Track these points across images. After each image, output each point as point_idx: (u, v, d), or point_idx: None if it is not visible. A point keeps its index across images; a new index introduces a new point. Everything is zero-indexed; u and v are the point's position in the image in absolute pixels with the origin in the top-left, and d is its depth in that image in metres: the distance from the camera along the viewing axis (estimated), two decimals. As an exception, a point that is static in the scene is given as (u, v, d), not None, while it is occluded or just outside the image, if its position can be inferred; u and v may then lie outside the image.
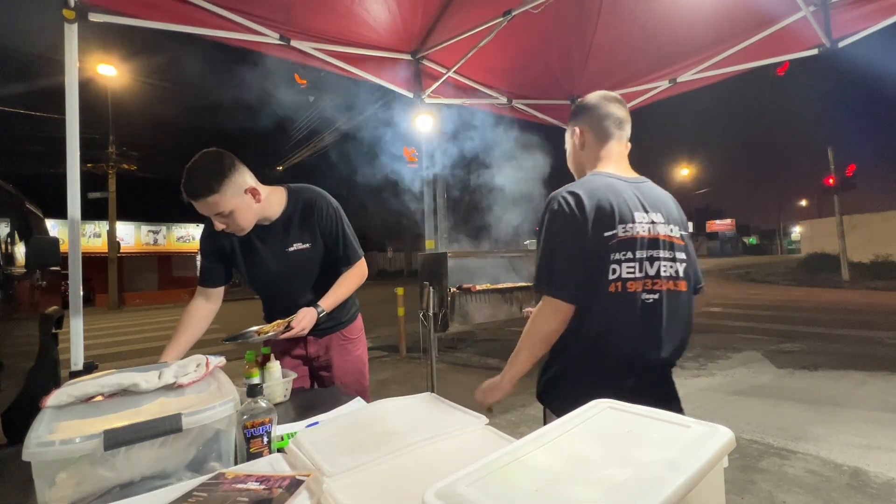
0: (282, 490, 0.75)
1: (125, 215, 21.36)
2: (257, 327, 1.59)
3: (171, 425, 0.87)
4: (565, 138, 1.42)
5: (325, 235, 1.68)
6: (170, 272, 24.90)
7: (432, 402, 1.13)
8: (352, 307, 1.87)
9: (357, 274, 1.75)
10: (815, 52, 2.94)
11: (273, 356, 1.51)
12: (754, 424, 3.35)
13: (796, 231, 49.18)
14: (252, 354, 1.48)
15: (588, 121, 1.33)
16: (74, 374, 1.92)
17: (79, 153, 2.10)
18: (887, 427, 3.18)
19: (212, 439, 0.95)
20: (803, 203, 68.47)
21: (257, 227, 1.63)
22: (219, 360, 1.24)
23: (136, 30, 2.35)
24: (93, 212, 18.97)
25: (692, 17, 3.02)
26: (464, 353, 6.28)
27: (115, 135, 18.20)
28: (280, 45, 2.84)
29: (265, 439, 1.00)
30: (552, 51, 3.50)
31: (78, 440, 0.80)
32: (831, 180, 14.75)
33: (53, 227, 10.97)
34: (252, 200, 1.55)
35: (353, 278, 1.73)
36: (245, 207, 1.53)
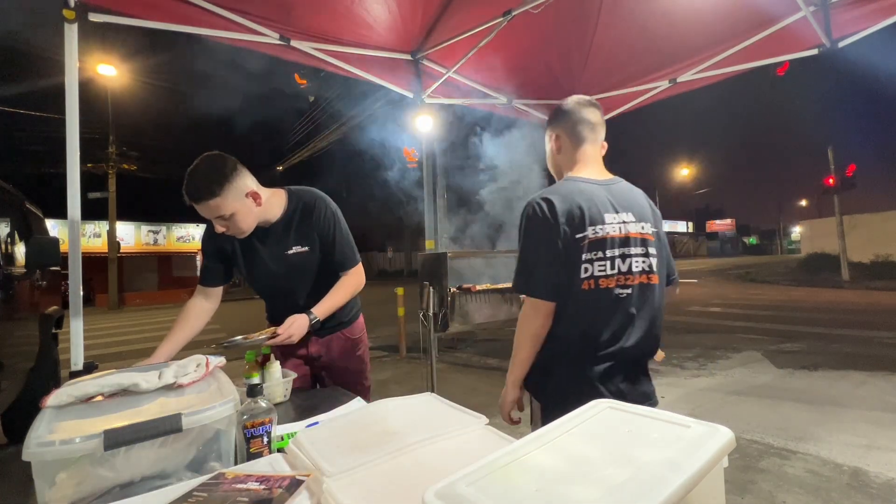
0: (282, 490, 0.75)
1: (125, 215, 21.36)
2: (244, 335, 1.55)
3: (171, 425, 0.87)
4: (546, 141, 1.49)
5: (321, 238, 1.68)
6: (170, 272, 24.90)
7: (432, 402, 1.13)
8: (353, 307, 1.87)
9: (353, 281, 1.73)
10: (815, 52, 2.93)
11: (273, 356, 1.51)
12: (754, 424, 3.35)
13: (796, 231, 49.19)
14: (252, 354, 1.48)
15: (563, 126, 1.40)
16: (74, 374, 1.92)
17: (79, 153, 2.09)
18: (887, 427, 3.18)
19: (212, 439, 0.95)
20: (803, 203, 68.48)
21: (258, 229, 1.63)
22: (219, 360, 1.24)
23: (136, 30, 2.34)
24: (93, 212, 18.97)
25: (692, 17, 3.01)
26: (464, 353, 6.28)
27: (115, 135, 18.20)
28: (280, 45, 2.84)
29: (265, 439, 1.00)
30: (552, 51, 3.50)
31: (78, 440, 0.80)
32: (831, 180, 14.74)
33: (53, 227, 10.96)
34: (253, 204, 1.55)
35: (350, 286, 1.71)
36: (246, 211, 1.53)
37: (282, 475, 0.81)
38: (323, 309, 1.62)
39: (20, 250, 3.61)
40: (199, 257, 24.00)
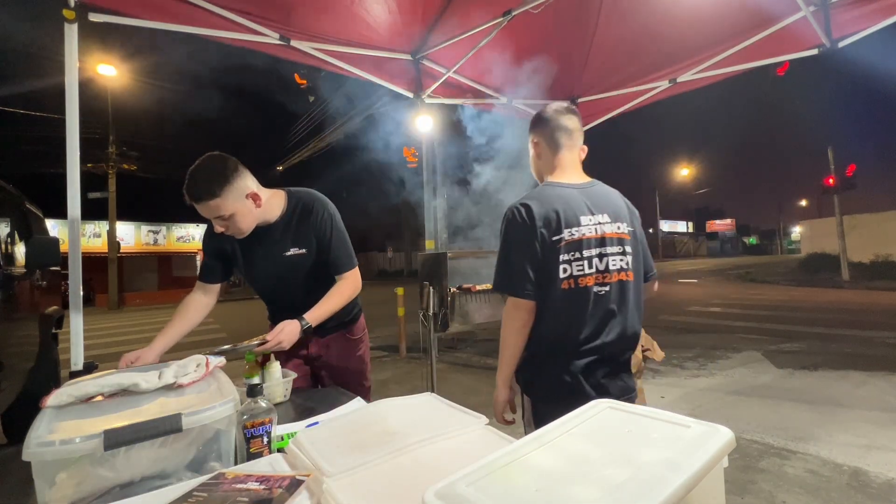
0: (282, 490, 0.75)
1: (125, 215, 21.36)
2: (233, 344, 1.51)
3: (171, 425, 0.87)
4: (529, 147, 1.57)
5: (318, 240, 1.68)
6: (170, 272, 24.91)
7: (432, 402, 1.13)
8: (354, 307, 1.86)
9: (348, 286, 1.70)
10: (815, 52, 2.94)
11: (273, 356, 1.51)
12: (754, 424, 3.35)
13: (796, 231, 49.15)
14: (252, 355, 1.48)
15: (542, 133, 1.48)
16: (74, 374, 1.92)
17: (79, 153, 2.09)
18: (887, 427, 3.18)
19: (212, 439, 0.95)
20: (803, 203, 68.39)
21: (257, 229, 1.63)
22: (219, 361, 1.24)
23: (136, 30, 2.34)
24: (93, 212, 18.97)
25: (692, 17, 3.01)
26: (464, 353, 6.28)
27: (115, 135, 18.20)
28: (280, 45, 2.84)
29: (265, 439, 1.00)
30: (552, 51, 3.50)
31: (78, 440, 0.80)
32: (831, 180, 14.73)
33: (53, 227, 10.97)
34: (252, 205, 1.55)
35: (344, 291, 1.69)
36: (245, 212, 1.54)
37: (282, 475, 0.81)
38: (316, 315, 1.60)
39: (20, 250, 3.61)
40: (199, 257, 24.01)
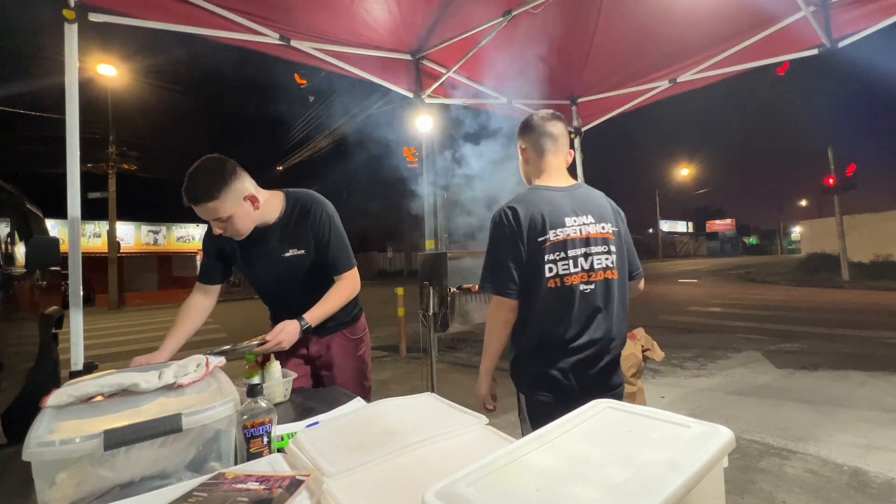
0: (282, 490, 0.75)
1: (125, 215, 21.35)
2: (232, 344, 1.50)
3: (171, 425, 0.87)
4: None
5: (316, 241, 1.68)
6: (170, 272, 24.91)
7: (432, 402, 1.13)
8: (354, 307, 1.86)
9: (347, 286, 1.71)
10: (815, 52, 2.93)
11: (273, 356, 1.51)
12: (754, 424, 3.35)
13: (796, 231, 49.07)
14: (252, 355, 1.48)
15: (528, 139, 1.55)
16: (74, 374, 1.91)
17: (79, 153, 2.09)
18: (887, 427, 3.18)
19: (212, 439, 0.95)
20: (803, 203, 68.28)
21: (256, 231, 1.63)
22: (219, 361, 1.24)
23: (136, 30, 2.34)
24: (93, 212, 18.98)
25: (692, 17, 3.01)
26: (464, 353, 6.28)
27: (115, 135, 18.20)
28: (280, 45, 2.84)
29: (265, 439, 1.00)
30: (552, 51, 3.50)
31: (78, 440, 0.80)
32: (831, 180, 14.73)
33: (53, 227, 10.97)
34: (251, 207, 1.56)
35: (343, 291, 1.70)
36: (244, 214, 1.54)
37: (282, 475, 0.81)
38: (315, 315, 1.61)
39: (20, 250, 3.61)
40: (199, 257, 24.01)
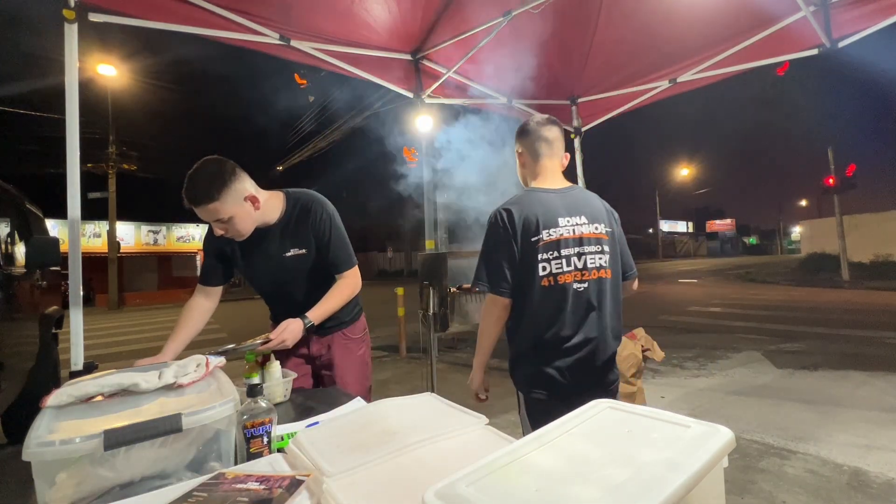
0: (282, 490, 0.75)
1: (125, 215, 21.35)
2: (235, 343, 1.51)
3: (171, 425, 0.87)
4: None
5: (317, 240, 1.69)
6: (170, 272, 24.92)
7: (432, 402, 1.13)
8: (355, 307, 1.87)
9: (348, 284, 1.72)
10: (815, 52, 2.93)
11: (273, 356, 1.51)
12: (754, 424, 3.35)
13: (796, 231, 48.99)
14: (252, 355, 1.48)
15: (524, 144, 1.61)
16: (74, 374, 1.91)
17: (79, 153, 2.09)
18: (887, 427, 3.18)
19: (212, 439, 0.95)
20: (803, 203, 68.22)
21: (256, 231, 1.63)
22: (219, 360, 1.24)
23: (136, 30, 2.34)
24: (93, 212, 18.97)
25: (692, 17, 3.01)
26: (464, 353, 6.28)
27: (116, 135, 18.20)
28: (280, 45, 2.84)
29: (265, 439, 1.00)
30: (552, 51, 3.50)
31: (78, 440, 0.80)
32: (831, 180, 14.72)
33: (53, 227, 10.97)
34: (251, 207, 1.56)
35: (345, 290, 1.70)
36: (244, 214, 1.54)
37: (282, 475, 0.81)
38: (318, 313, 1.61)
39: (20, 250, 3.61)
40: (199, 257, 24.02)
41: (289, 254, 1.67)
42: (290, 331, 1.52)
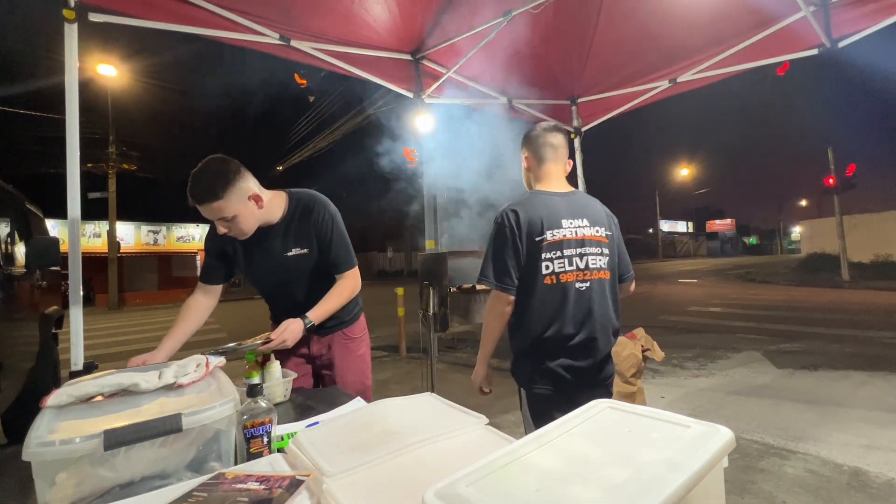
0: (282, 490, 0.75)
1: (125, 215, 21.35)
2: (237, 342, 1.51)
3: (171, 425, 0.87)
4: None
5: (318, 240, 1.69)
6: (170, 272, 24.87)
7: (432, 402, 1.13)
8: (355, 307, 1.87)
9: (348, 285, 1.73)
10: (815, 52, 2.94)
11: (273, 356, 1.52)
12: (754, 424, 3.35)
13: (796, 231, 48.96)
14: (252, 355, 1.48)
15: (530, 148, 1.68)
16: (74, 374, 1.92)
17: (79, 153, 2.09)
18: (887, 427, 3.18)
19: (212, 439, 0.95)
20: (803, 203, 68.16)
21: (259, 230, 1.64)
22: (219, 360, 1.24)
23: (136, 30, 2.34)
24: (93, 212, 18.96)
25: (692, 17, 3.01)
26: (464, 353, 6.28)
27: (115, 135, 18.19)
28: (280, 45, 2.84)
29: (265, 439, 1.00)
30: (552, 51, 3.50)
31: (78, 440, 0.80)
32: (831, 180, 14.72)
33: (53, 227, 10.97)
34: (255, 207, 1.57)
35: (345, 290, 1.71)
36: (248, 213, 1.55)
37: (282, 475, 0.81)
38: (318, 313, 1.62)
39: (20, 250, 3.61)
40: (199, 257, 24.00)
41: (290, 253, 1.67)
42: (291, 331, 1.52)
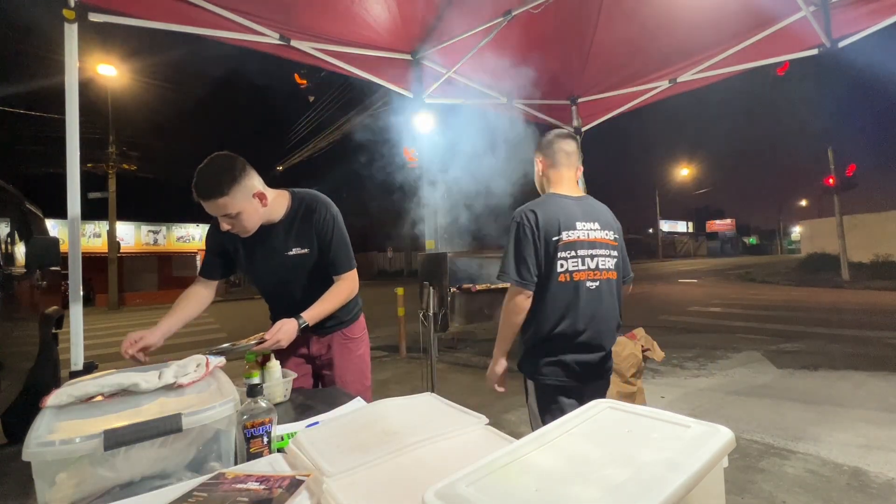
0: (282, 490, 0.75)
1: (125, 215, 21.35)
2: (232, 342, 1.51)
3: (171, 425, 0.87)
4: (534, 164, 1.86)
5: (319, 240, 1.70)
6: (170, 272, 24.83)
7: (432, 402, 1.13)
8: (354, 307, 1.87)
9: (346, 287, 1.72)
10: (815, 52, 2.93)
11: (273, 356, 1.52)
12: (754, 424, 3.35)
13: (796, 231, 48.97)
14: (252, 355, 1.48)
15: (546, 153, 1.78)
16: (74, 374, 1.92)
17: (79, 153, 2.09)
18: (887, 427, 3.18)
19: (212, 439, 0.95)
20: (803, 203, 68.15)
21: (261, 228, 1.65)
22: (219, 361, 1.24)
23: (136, 30, 2.34)
24: (93, 212, 18.97)
25: (692, 17, 3.01)
26: (464, 353, 6.28)
27: (115, 135, 18.19)
28: (280, 45, 2.84)
29: (265, 439, 1.00)
30: (552, 51, 3.50)
31: (78, 440, 0.80)
32: (831, 180, 14.73)
33: (53, 227, 10.95)
34: (259, 204, 1.58)
35: (342, 292, 1.71)
36: (252, 210, 1.56)
37: (282, 475, 0.81)
38: (313, 314, 1.61)
39: (20, 250, 3.61)
40: (199, 257, 23.98)
41: (291, 252, 1.68)
42: (285, 331, 1.52)
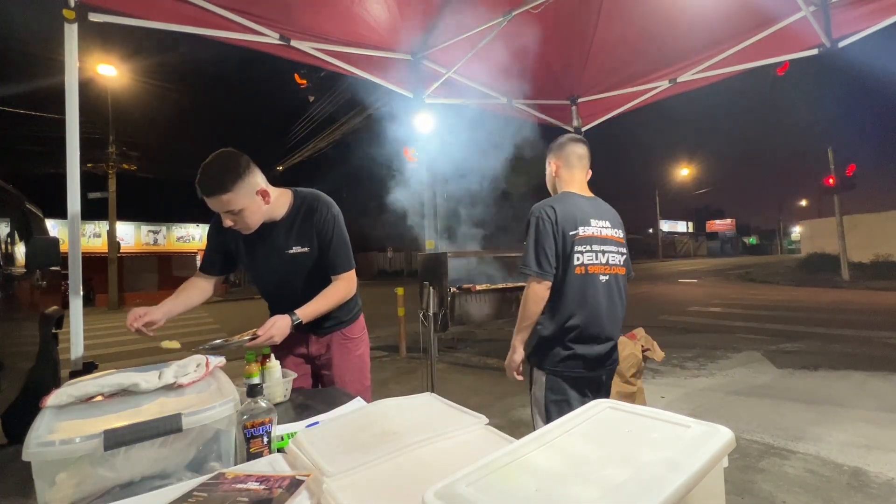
0: (282, 490, 0.75)
1: (125, 215, 21.35)
2: (224, 338, 1.51)
3: (171, 425, 0.87)
4: (546, 165, 1.96)
5: (319, 239, 1.70)
6: (170, 272, 24.82)
7: (432, 402, 1.13)
8: (354, 307, 1.87)
9: (343, 287, 1.72)
10: (815, 52, 2.93)
11: (273, 355, 1.52)
12: (754, 424, 3.35)
13: (796, 231, 48.96)
14: (252, 354, 1.48)
15: (559, 156, 1.90)
16: (74, 374, 1.91)
17: (79, 153, 2.09)
18: (887, 427, 3.18)
19: (212, 439, 0.95)
20: (803, 203, 68.20)
21: (263, 226, 1.65)
22: (219, 361, 1.24)
23: (136, 30, 2.34)
24: (93, 212, 18.96)
25: (692, 17, 3.01)
26: (464, 353, 6.28)
27: (115, 135, 18.18)
28: (280, 45, 2.84)
29: (265, 439, 1.00)
30: (552, 51, 3.50)
31: (78, 440, 0.80)
32: (831, 180, 14.72)
33: (53, 227, 10.95)
34: (262, 201, 1.58)
35: (338, 292, 1.71)
36: (255, 208, 1.57)
37: (282, 475, 0.81)
38: (307, 312, 1.61)
39: (20, 250, 3.61)
40: (198, 257, 23.96)
41: (292, 250, 1.68)
42: (278, 327, 1.52)
